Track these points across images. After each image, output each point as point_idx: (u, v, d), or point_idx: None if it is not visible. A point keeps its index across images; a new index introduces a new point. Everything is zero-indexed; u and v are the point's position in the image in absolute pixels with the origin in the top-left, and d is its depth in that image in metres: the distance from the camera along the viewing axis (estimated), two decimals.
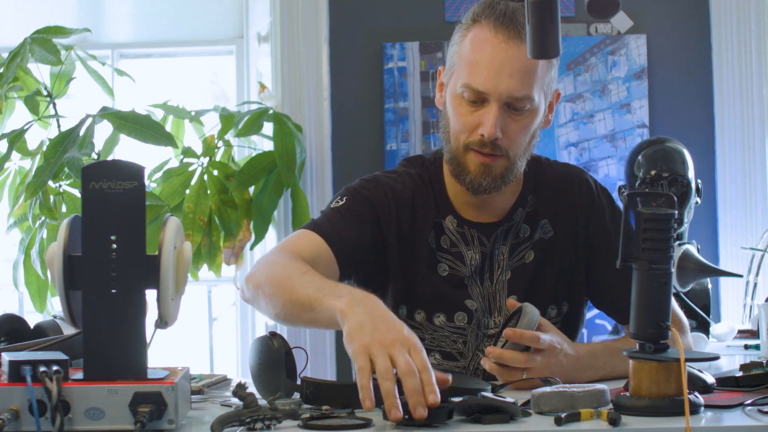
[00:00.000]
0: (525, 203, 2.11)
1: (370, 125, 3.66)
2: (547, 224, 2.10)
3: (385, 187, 2.09)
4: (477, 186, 2.00)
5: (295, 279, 1.83)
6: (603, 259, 2.10)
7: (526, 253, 2.08)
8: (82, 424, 1.44)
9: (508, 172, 2.01)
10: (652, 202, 1.62)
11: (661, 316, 1.58)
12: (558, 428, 1.48)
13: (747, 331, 2.91)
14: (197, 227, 3.32)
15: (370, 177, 2.13)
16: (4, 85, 3.27)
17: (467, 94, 1.95)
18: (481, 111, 1.96)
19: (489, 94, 1.94)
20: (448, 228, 2.08)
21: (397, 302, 2.07)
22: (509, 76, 1.93)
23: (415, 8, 3.65)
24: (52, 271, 1.50)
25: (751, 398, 1.63)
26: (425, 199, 2.09)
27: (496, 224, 2.09)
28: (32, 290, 3.39)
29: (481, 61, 1.94)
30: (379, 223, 2.06)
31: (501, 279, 2.07)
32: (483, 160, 1.98)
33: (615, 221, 2.13)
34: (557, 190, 2.12)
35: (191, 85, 4.14)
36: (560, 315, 2.10)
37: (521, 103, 1.95)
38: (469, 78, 1.95)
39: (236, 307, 3.91)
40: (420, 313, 2.07)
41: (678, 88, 3.67)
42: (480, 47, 1.95)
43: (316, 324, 1.81)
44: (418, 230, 2.07)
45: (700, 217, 3.55)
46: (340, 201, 2.07)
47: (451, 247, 2.07)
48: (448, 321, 2.06)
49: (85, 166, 1.49)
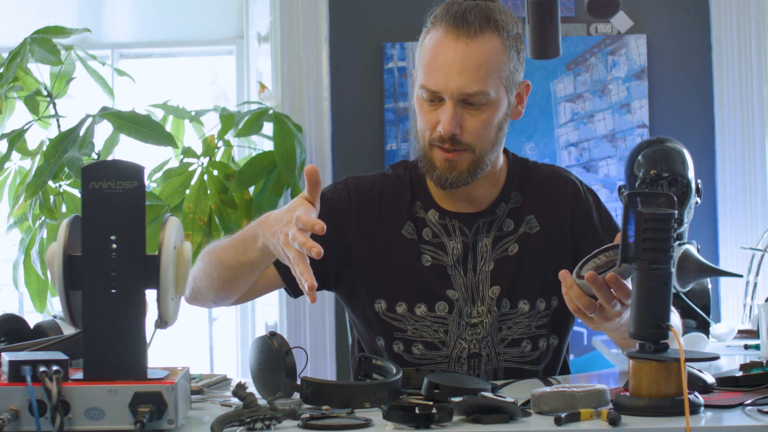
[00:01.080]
0: (508, 199, 2.15)
1: (370, 125, 3.66)
2: (533, 219, 2.13)
3: (350, 188, 2.16)
4: (444, 181, 2.06)
5: (216, 250, 2.04)
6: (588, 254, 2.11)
7: (510, 245, 2.12)
8: (82, 424, 1.44)
9: (475, 166, 2.06)
10: (652, 202, 1.62)
11: (661, 316, 1.58)
12: (558, 428, 1.48)
13: (747, 331, 2.91)
14: (197, 227, 3.32)
15: (341, 180, 2.21)
16: (4, 85, 3.27)
17: (425, 94, 2.03)
18: (439, 109, 2.03)
19: (442, 92, 2.00)
20: (431, 221, 2.13)
21: (372, 297, 2.11)
22: (458, 74, 1.99)
23: (415, 8, 3.64)
24: (52, 271, 1.50)
25: (751, 398, 1.63)
26: (399, 195, 2.15)
27: (476, 215, 2.13)
28: (32, 290, 3.39)
29: (434, 61, 2.02)
30: (339, 227, 2.10)
31: (484, 270, 2.10)
32: (446, 155, 2.04)
33: (602, 219, 2.16)
34: (543, 188, 2.17)
35: (191, 85, 4.14)
36: (549, 309, 2.11)
37: (476, 98, 2.00)
38: (424, 79, 2.03)
39: (236, 307, 3.91)
40: (401, 305, 2.10)
41: (678, 88, 3.67)
42: (433, 49, 2.03)
43: (252, 265, 1.98)
44: (388, 226, 2.12)
45: (700, 217, 3.55)
46: None
47: (433, 238, 2.11)
48: (429, 311, 2.08)
49: (85, 166, 1.49)
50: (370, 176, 2.21)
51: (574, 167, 3.62)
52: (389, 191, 2.16)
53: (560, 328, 2.14)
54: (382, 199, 2.15)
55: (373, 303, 2.10)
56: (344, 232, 2.11)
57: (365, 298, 2.11)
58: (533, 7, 1.61)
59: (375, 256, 2.11)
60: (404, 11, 3.65)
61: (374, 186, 2.17)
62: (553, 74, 3.64)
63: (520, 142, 3.63)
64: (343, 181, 2.20)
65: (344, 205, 2.14)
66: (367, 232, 2.12)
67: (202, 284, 2.06)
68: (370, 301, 2.11)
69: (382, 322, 2.10)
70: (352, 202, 2.14)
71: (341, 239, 2.11)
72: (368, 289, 2.11)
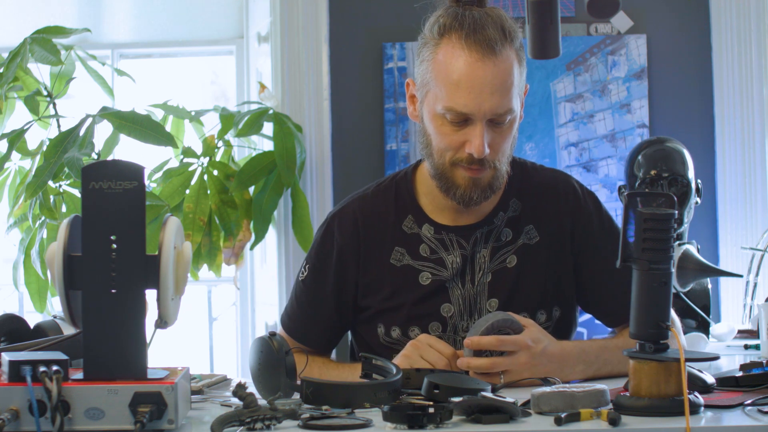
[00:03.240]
0: (506, 207, 2.12)
1: (370, 125, 3.66)
2: (532, 230, 2.11)
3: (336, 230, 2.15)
4: (468, 200, 2.03)
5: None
6: (591, 263, 2.11)
7: (509, 257, 2.09)
8: (82, 424, 1.44)
9: (495, 180, 2.04)
10: (652, 202, 1.62)
11: (661, 316, 1.58)
12: (558, 428, 1.48)
13: (747, 331, 2.91)
14: (197, 227, 3.32)
15: (324, 224, 2.19)
16: (4, 85, 3.27)
17: (450, 115, 1.97)
18: (466, 130, 1.97)
19: (473, 114, 1.95)
20: (426, 236, 2.10)
21: (374, 323, 2.12)
22: (490, 95, 1.94)
23: (415, 8, 3.65)
24: (52, 271, 1.50)
25: (751, 398, 1.63)
26: (382, 221, 2.13)
27: (474, 226, 2.10)
28: (32, 290, 3.39)
29: (459, 82, 1.95)
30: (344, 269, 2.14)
31: (482, 281, 2.08)
32: (472, 174, 2.01)
33: (603, 225, 2.14)
34: (543, 195, 2.14)
35: (191, 85, 4.14)
36: (551, 320, 2.10)
37: (503, 117, 1.97)
38: (450, 101, 1.96)
39: (236, 307, 3.91)
40: (395, 330, 2.10)
41: (678, 88, 3.67)
42: (455, 66, 1.95)
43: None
44: (375, 255, 2.12)
45: (700, 217, 3.55)
46: (304, 272, 2.19)
47: (431, 254, 2.09)
48: (422, 332, 2.07)
49: (85, 166, 1.49)
50: (349, 206, 2.18)
51: (574, 167, 3.62)
52: (369, 222, 2.14)
53: (563, 337, 2.10)
54: (366, 231, 2.13)
55: (376, 327, 2.11)
56: (347, 273, 2.14)
57: (370, 323, 2.13)
58: (533, 7, 1.61)
59: (370, 288, 2.12)
60: (404, 11, 3.64)
61: (355, 221, 2.14)
62: (553, 74, 3.64)
63: (520, 142, 3.62)
64: (327, 225, 2.18)
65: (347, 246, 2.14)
66: (359, 267, 2.13)
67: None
68: (372, 326, 2.12)
69: (382, 347, 2.10)
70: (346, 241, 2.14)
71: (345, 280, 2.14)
72: (370, 315, 2.12)
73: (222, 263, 3.44)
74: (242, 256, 3.47)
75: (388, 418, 1.51)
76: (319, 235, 2.19)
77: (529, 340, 1.91)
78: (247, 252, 3.55)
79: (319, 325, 2.17)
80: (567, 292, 2.12)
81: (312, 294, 2.17)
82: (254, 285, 3.82)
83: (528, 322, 1.95)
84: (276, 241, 3.59)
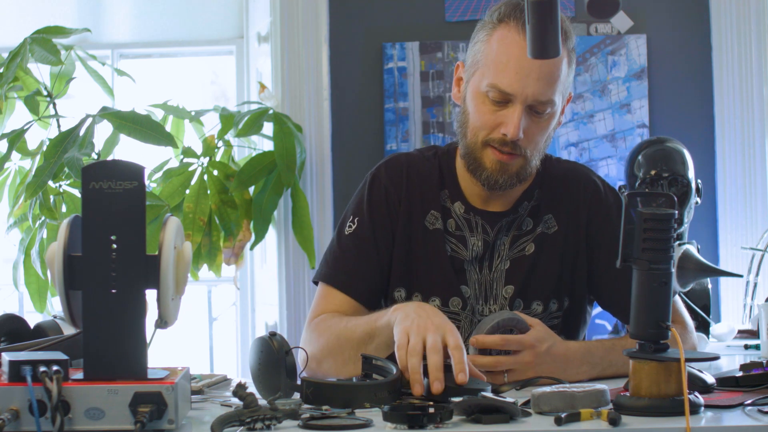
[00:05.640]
0: (531, 197, 2.15)
1: (370, 125, 3.66)
2: (551, 219, 2.13)
3: (382, 181, 2.15)
4: (493, 183, 2.06)
5: (343, 332, 1.99)
6: (607, 256, 2.11)
7: (527, 245, 2.12)
8: (82, 424, 1.44)
9: (523, 170, 2.06)
10: (652, 202, 1.62)
11: (661, 316, 1.58)
12: (558, 428, 1.48)
13: (747, 331, 2.91)
14: (197, 227, 3.32)
15: (374, 173, 2.18)
16: (4, 85, 3.27)
17: (492, 93, 2.00)
18: (505, 111, 2.01)
19: (515, 96, 1.99)
20: (456, 213, 2.13)
21: (394, 285, 2.12)
22: (536, 80, 1.98)
23: (415, 8, 3.65)
24: (52, 271, 1.50)
25: (751, 398, 1.63)
26: (426, 182, 2.15)
27: (501, 214, 2.13)
28: (32, 290, 3.39)
29: (508, 63, 1.99)
30: (391, 222, 2.12)
31: (499, 268, 2.10)
32: (501, 157, 2.03)
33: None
34: (562, 186, 2.17)
35: (191, 85, 4.14)
36: (561, 309, 2.12)
37: (544, 106, 2.01)
38: (495, 79, 1.99)
39: (236, 307, 3.91)
40: (417, 296, 2.11)
41: (678, 88, 3.67)
42: (507, 49, 2.00)
43: (381, 349, 1.91)
44: (414, 213, 2.13)
45: (700, 217, 3.55)
46: (351, 225, 2.14)
47: (456, 230, 2.12)
48: (442, 305, 2.09)
49: (85, 166, 1.49)
50: (396, 159, 2.19)
51: None
52: (415, 178, 2.15)
53: (571, 329, 2.14)
54: (410, 183, 2.14)
55: (394, 290, 2.12)
56: (394, 226, 2.13)
57: (390, 284, 2.13)
58: (533, 7, 1.61)
59: (404, 246, 2.12)
60: (404, 11, 3.64)
61: (402, 171, 2.16)
62: None
63: None
64: (373, 176, 2.18)
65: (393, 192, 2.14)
66: (399, 220, 2.13)
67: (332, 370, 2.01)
68: (391, 288, 2.12)
69: None
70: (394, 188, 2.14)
71: (392, 233, 2.13)
72: (393, 276, 2.12)
73: (222, 263, 3.44)
74: (242, 256, 3.47)
75: (388, 418, 1.51)
76: (364, 188, 2.18)
77: (533, 340, 1.92)
78: (247, 252, 3.55)
79: (367, 276, 2.12)
80: (579, 283, 2.13)
81: (365, 243, 2.13)
82: (254, 285, 3.82)
83: (534, 322, 1.96)
84: (276, 241, 3.59)
